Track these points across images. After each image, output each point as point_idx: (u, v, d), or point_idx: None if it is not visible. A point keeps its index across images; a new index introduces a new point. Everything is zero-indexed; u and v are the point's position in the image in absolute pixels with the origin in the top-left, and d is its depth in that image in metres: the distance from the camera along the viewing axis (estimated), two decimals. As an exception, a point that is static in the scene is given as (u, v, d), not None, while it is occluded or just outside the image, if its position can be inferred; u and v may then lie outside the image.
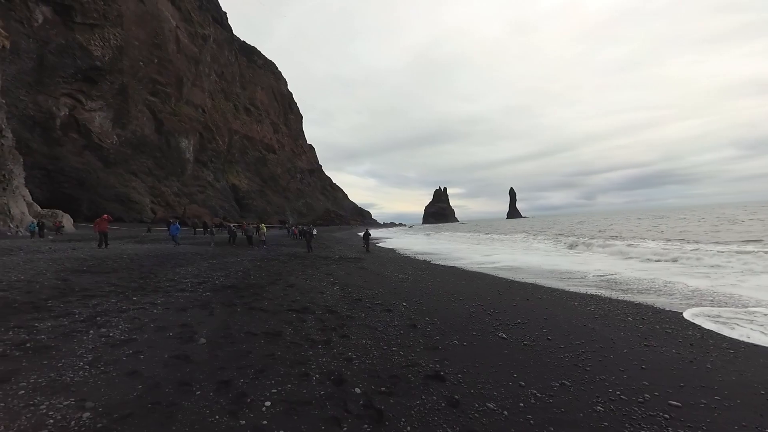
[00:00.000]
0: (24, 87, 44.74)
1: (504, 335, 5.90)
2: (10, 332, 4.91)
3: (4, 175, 27.17)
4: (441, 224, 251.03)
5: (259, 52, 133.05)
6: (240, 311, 6.67)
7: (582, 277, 13.44)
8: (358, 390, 3.75)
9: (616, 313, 7.80)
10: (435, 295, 9.13)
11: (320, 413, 3.29)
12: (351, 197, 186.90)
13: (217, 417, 3.12)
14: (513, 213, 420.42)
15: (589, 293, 10.33)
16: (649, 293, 10.24)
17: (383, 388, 3.83)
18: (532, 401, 3.74)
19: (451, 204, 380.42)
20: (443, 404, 3.58)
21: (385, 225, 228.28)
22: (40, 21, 46.67)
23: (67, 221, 35.01)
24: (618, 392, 4.00)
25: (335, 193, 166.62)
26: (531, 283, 12.07)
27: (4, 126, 28.47)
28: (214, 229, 30.00)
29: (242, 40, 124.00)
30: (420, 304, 8.07)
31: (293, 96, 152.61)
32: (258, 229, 24.62)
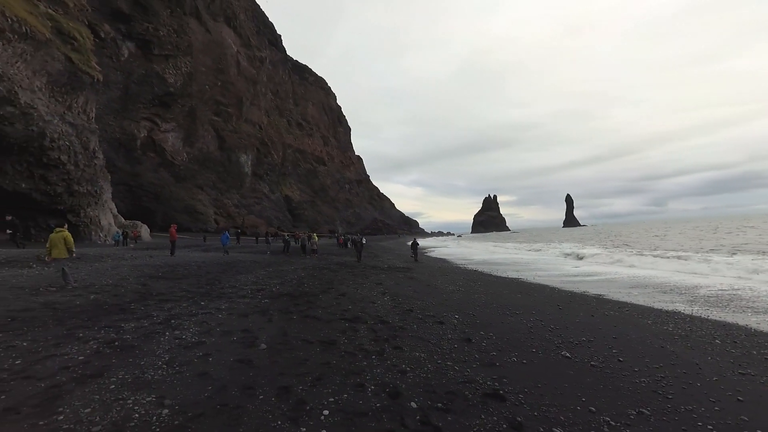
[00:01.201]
0: (112, 113, 51.12)
1: (568, 354, 5.49)
2: (102, 331, 5.52)
3: (96, 191, 31.03)
4: (491, 233, 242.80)
5: (311, 69, 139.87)
6: (296, 319, 6.92)
7: (653, 291, 12.18)
8: (414, 404, 3.69)
9: (700, 334, 6.94)
10: (489, 308, 8.79)
11: (377, 426, 3.27)
12: (398, 206, 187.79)
13: (279, 422, 3.22)
14: (570, 221, 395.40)
15: (664, 309, 9.33)
16: (738, 311, 9.00)
17: (440, 404, 3.72)
18: (606, 430, 3.41)
19: (501, 212, 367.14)
20: (505, 426, 3.40)
21: (433, 234, 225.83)
22: (126, 55, 53.27)
23: (144, 231, 38.99)
24: (710, 427, 3.52)
25: (382, 202, 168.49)
26: (594, 296, 11.19)
27: (96, 148, 32.62)
28: (270, 238, 31.65)
29: (295, 59, 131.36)
30: (473, 317, 7.81)
31: (342, 110, 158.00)
32: (310, 238, 25.54)
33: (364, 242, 29.71)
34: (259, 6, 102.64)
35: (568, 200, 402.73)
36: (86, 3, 34.14)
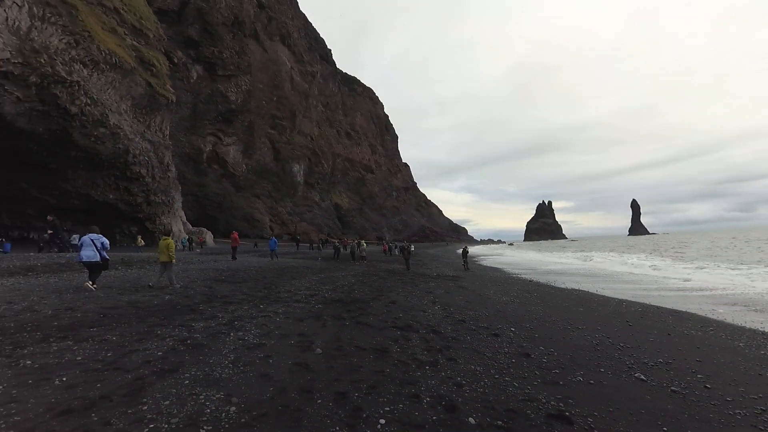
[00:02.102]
0: (182, 130, 56.47)
1: (642, 376, 4.99)
2: (176, 329, 6.03)
3: (169, 201, 34.30)
4: (546, 241, 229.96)
5: (359, 80, 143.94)
6: (348, 325, 7.04)
7: (743, 309, 10.70)
8: (472, 420, 3.56)
9: (810, 361, 5.95)
10: (547, 322, 8.28)
11: (434, 440, 3.20)
12: (446, 213, 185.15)
13: (337, 428, 3.27)
14: (637, 228, 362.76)
15: (759, 330, 8.15)
16: None
17: (500, 422, 3.55)
18: (695, 466, 3.03)
19: (557, 219, 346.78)
20: (573, 451, 3.15)
21: (483, 242, 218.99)
22: (194, 78, 58.77)
23: (208, 237, 42.27)
24: (831, 473, 2.98)
25: (430, 209, 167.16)
26: (670, 312, 10.09)
27: (170, 162, 36.14)
28: (320, 244, 32.74)
29: (344, 72, 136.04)
30: (530, 330, 7.40)
31: (389, 118, 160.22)
32: (359, 245, 26.00)
33: (412, 250, 29.62)
34: (311, 24, 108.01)
35: (634, 206, 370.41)
36: (163, 33, 38.23)
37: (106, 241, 9.36)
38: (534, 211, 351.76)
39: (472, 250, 69.81)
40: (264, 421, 3.31)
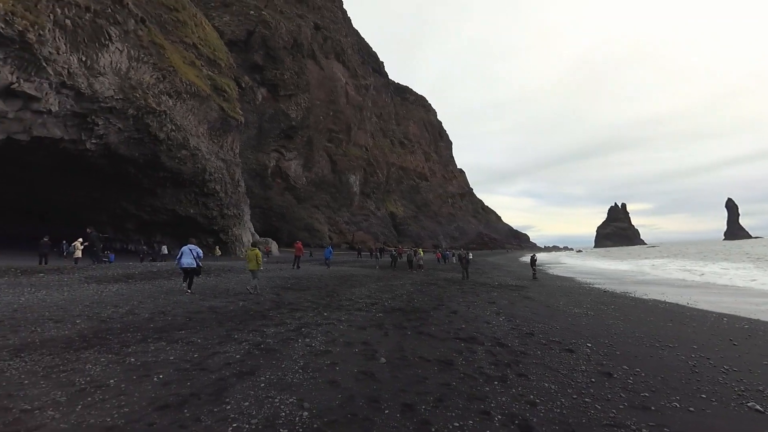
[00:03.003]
0: (249, 148, 61.34)
1: (759, 407, 4.26)
2: (251, 334, 6.47)
3: (239, 214, 37.30)
4: (620, 248, 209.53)
5: (411, 89, 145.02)
6: (410, 335, 6.99)
7: None
8: (550, 443, 3.30)
9: None
10: (629, 337, 7.48)
11: (510, 462, 3.02)
12: (505, 219, 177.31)
13: (406, 440, 3.24)
14: (734, 232, 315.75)
15: None
16: None
17: (583, 448, 3.25)
18: None
19: (632, 223, 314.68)
20: (675, 489, 2.77)
21: (547, 249, 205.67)
22: (260, 99, 63.76)
23: (274, 247, 45.05)
24: None
25: (488, 215, 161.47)
26: (789, 333, 8.53)
27: (240, 178, 39.39)
28: (378, 253, 33.19)
29: (396, 82, 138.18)
30: (610, 346, 6.73)
31: (442, 125, 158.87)
32: (416, 253, 25.89)
33: (470, 257, 28.76)
34: (363, 39, 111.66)
35: (730, 206, 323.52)
36: (233, 61, 42.12)
37: (201, 251, 11.35)
38: (605, 215, 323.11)
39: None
40: (335, 428, 3.39)
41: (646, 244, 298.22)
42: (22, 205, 28.81)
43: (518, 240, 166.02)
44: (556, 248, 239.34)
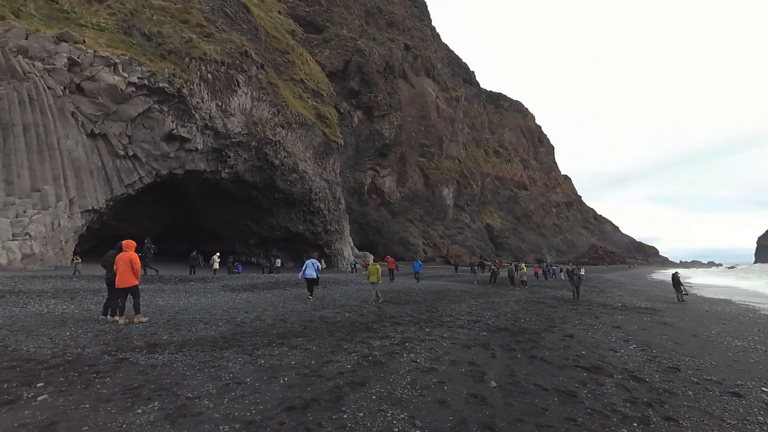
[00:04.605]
0: (348, 168, 65.98)
1: None
2: (358, 345, 6.76)
3: (340, 229, 40.10)
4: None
5: (505, 95, 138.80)
6: (521, 358, 6.47)
7: None
8: None
9: None
10: (831, 385, 5.64)
11: None
12: (624, 230, 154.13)
13: (530, 478, 2.95)
14: None
15: None
16: None
17: None
18: None
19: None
20: None
21: (683, 264, 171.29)
22: (356, 122, 68.48)
23: (371, 260, 47.08)
24: None
25: (602, 225, 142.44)
26: None
27: (340, 196, 42.51)
28: (475, 267, 31.98)
29: (489, 90, 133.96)
30: (800, 394, 5.17)
31: (542, 129, 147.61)
32: (518, 268, 24.15)
33: (582, 274, 25.61)
34: (453, 51, 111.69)
35: None
36: (333, 90, 46.21)
37: (320, 265, 13.57)
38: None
39: (671, 274, 55.40)
40: (449, 452, 3.27)
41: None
42: (180, 226, 35.79)
43: (644, 254, 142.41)
44: (697, 263, 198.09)
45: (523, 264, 26.31)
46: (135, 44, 22.66)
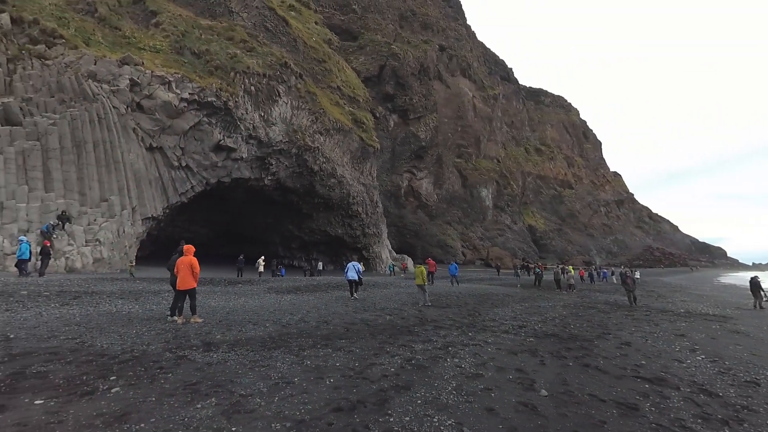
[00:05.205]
0: (385, 171, 66.34)
1: None
2: (401, 348, 6.74)
3: (378, 232, 40.37)
4: None
5: (546, 91, 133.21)
6: (572, 366, 6.13)
7: None
8: None
9: None
10: None
11: None
12: (684, 230, 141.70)
13: (590, 496, 2.77)
14: None
15: None
16: None
17: None
18: None
19: None
20: None
21: (757, 267, 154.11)
22: (392, 126, 68.81)
23: (409, 263, 46.81)
24: None
25: (658, 225, 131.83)
26: None
27: (377, 200, 42.84)
28: (519, 270, 30.83)
29: (528, 86, 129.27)
30: None
31: (587, 124, 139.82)
32: (565, 271, 22.98)
33: (637, 277, 23.82)
34: (489, 49, 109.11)
35: None
36: (369, 95, 46.81)
37: (361, 267, 14.71)
38: None
39: (743, 277, 50.21)
40: (501, 462, 3.16)
41: None
42: (228, 231, 37.86)
43: (709, 255, 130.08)
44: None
45: (571, 267, 24.98)
46: (186, 62, 24.40)
